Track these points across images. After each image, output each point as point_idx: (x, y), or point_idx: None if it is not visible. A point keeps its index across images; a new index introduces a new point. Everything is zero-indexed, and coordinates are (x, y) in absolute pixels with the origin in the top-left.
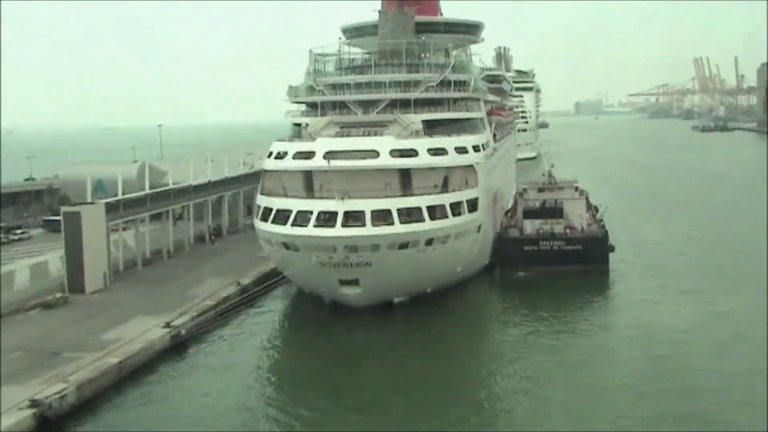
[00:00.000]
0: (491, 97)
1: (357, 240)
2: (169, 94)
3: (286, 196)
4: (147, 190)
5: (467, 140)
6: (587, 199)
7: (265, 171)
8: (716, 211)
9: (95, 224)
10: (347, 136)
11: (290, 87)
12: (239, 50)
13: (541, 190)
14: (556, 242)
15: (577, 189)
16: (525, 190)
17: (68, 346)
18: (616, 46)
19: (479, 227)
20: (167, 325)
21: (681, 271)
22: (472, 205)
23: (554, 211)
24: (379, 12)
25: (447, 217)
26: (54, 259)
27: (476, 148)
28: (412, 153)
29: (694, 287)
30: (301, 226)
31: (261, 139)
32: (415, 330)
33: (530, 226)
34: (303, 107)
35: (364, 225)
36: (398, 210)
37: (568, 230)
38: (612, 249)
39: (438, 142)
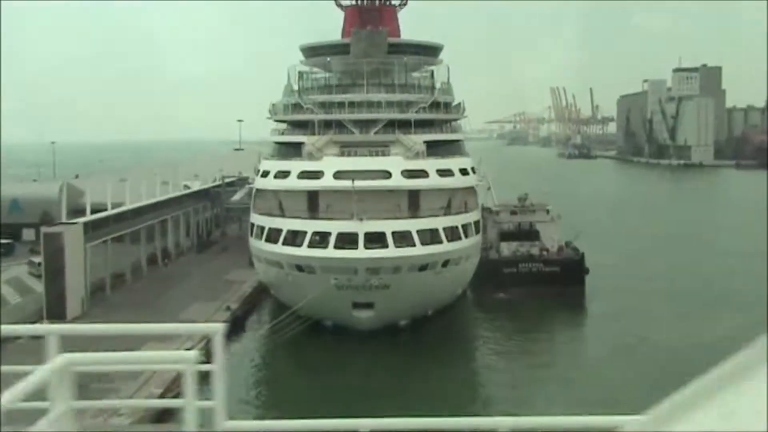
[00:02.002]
0: None
1: (380, 262)
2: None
3: (284, 216)
4: (110, 210)
5: (465, 162)
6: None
7: (259, 190)
8: (644, 236)
9: (75, 245)
10: (353, 155)
11: (272, 105)
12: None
13: (513, 212)
14: (535, 264)
15: (548, 212)
16: (497, 212)
17: (90, 378)
18: (471, 75)
19: (480, 249)
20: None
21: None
22: (476, 226)
23: (530, 234)
24: (353, 31)
25: (460, 238)
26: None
27: (473, 170)
28: (422, 174)
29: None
30: (317, 247)
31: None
32: (419, 355)
33: (507, 249)
34: (282, 125)
35: (386, 246)
36: (417, 231)
37: (544, 252)
38: (587, 271)
39: (444, 163)
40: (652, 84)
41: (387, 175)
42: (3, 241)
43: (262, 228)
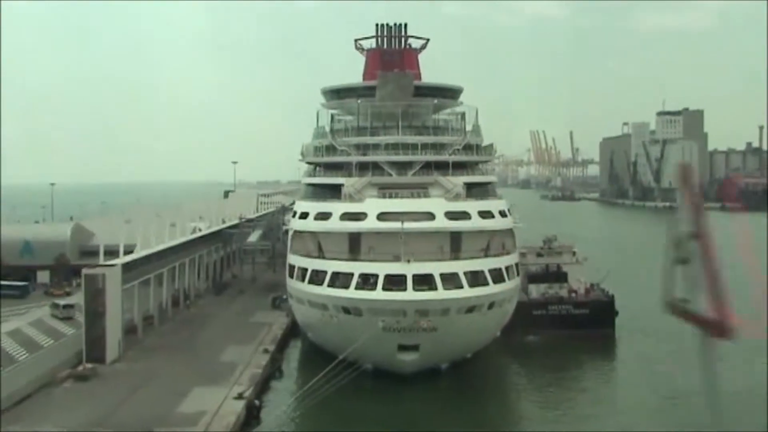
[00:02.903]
0: None
1: (430, 304)
2: None
3: (323, 257)
4: (140, 252)
5: (502, 204)
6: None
7: (297, 232)
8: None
9: (114, 287)
10: (393, 197)
11: (303, 146)
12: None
13: (539, 254)
14: (564, 306)
15: (574, 254)
16: (524, 254)
17: (151, 421)
18: None
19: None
20: (240, 396)
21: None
22: (517, 268)
23: (558, 276)
24: (380, 74)
25: (504, 280)
26: (25, 326)
27: (510, 211)
28: (464, 215)
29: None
30: (365, 289)
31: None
32: (461, 402)
33: (535, 291)
34: (308, 166)
35: (435, 288)
36: (464, 273)
37: (573, 294)
38: (617, 313)
39: (485, 205)
40: (635, 127)
41: (431, 216)
42: (19, 283)
43: (304, 270)
